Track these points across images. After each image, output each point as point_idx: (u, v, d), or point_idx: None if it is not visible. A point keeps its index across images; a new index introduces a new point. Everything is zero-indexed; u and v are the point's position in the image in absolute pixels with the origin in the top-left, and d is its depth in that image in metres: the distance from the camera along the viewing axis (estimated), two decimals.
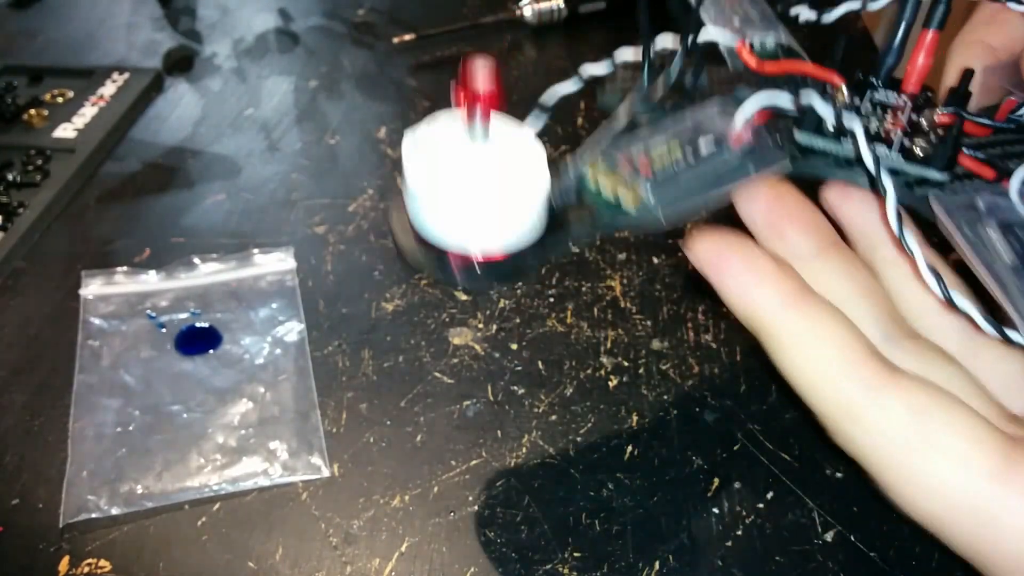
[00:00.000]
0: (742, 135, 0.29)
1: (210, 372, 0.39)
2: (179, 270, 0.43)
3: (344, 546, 0.33)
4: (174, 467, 0.35)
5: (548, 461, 0.35)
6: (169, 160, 0.52)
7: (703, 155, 0.29)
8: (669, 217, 0.27)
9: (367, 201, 0.48)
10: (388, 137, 0.53)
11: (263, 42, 0.63)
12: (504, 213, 0.26)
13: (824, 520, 0.33)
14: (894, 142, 0.31)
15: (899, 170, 0.31)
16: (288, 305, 0.42)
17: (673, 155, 0.29)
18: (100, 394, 0.38)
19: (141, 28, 0.65)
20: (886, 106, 0.33)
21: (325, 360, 0.39)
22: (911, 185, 0.30)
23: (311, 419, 0.37)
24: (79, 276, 0.43)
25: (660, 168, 0.28)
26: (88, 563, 0.32)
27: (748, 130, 0.30)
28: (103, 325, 0.41)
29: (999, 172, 0.29)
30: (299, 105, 0.56)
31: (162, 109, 0.56)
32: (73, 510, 0.33)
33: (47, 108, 0.55)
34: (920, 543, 0.32)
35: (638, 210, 0.27)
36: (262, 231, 0.47)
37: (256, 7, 0.67)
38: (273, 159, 0.52)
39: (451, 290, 0.43)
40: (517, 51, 0.61)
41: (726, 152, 0.29)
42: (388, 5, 0.66)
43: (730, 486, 0.34)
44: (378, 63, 0.60)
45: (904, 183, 0.30)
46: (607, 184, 0.28)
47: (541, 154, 0.27)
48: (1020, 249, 0.26)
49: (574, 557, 0.32)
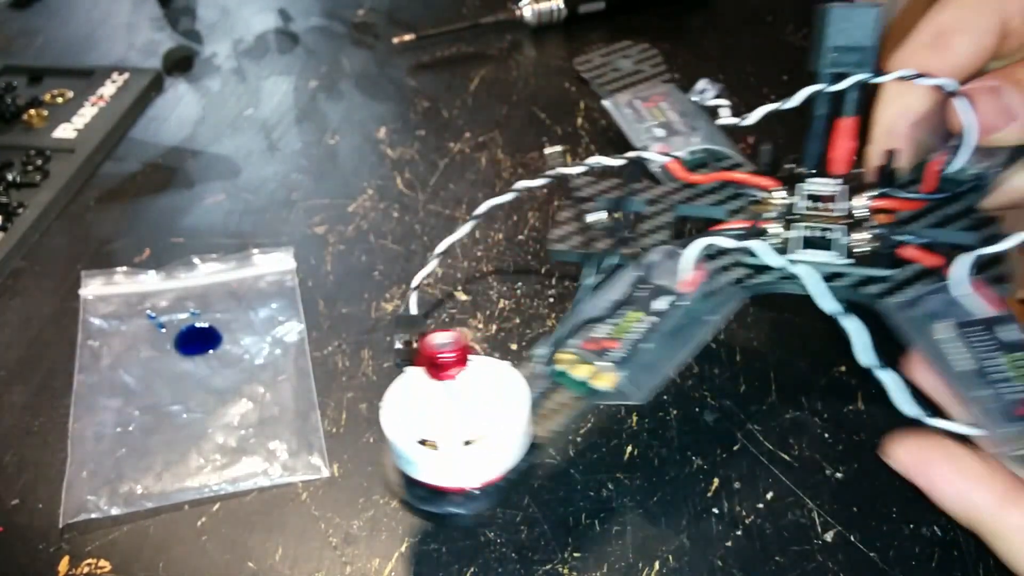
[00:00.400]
0: (691, 281, 0.31)
1: (210, 372, 0.39)
2: (179, 270, 0.43)
3: (344, 546, 0.33)
4: (174, 467, 0.35)
5: (548, 461, 0.35)
6: (169, 160, 0.52)
7: (663, 311, 0.31)
8: (647, 391, 0.29)
9: (367, 201, 0.48)
10: (388, 137, 0.53)
11: (263, 42, 0.63)
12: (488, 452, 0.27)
13: (824, 520, 0.33)
14: (835, 242, 0.32)
15: (845, 273, 0.32)
16: (288, 305, 0.42)
17: (633, 325, 0.30)
18: (100, 394, 0.38)
19: (141, 28, 0.65)
20: (820, 197, 0.34)
21: (325, 360, 0.39)
22: (858, 286, 0.31)
23: (311, 419, 0.37)
24: (79, 276, 0.43)
25: (625, 341, 0.30)
26: (88, 563, 0.32)
27: (696, 274, 0.31)
28: (103, 325, 0.41)
29: (944, 256, 0.30)
30: (299, 105, 0.56)
31: (162, 109, 0.56)
32: (73, 510, 0.34)
33: (47, 108, 0.55)
34: (920, 543, 0.32)
35: (616, 389, 0.29)
36: (262, 231, 0.47)
37: (256, 7, 0.67)
38: (273, 159, 0.52)
39: (451, 290, 0.43)
40: (516, 51, 0.61)
41: (683, 301, 0.31)
42: (388, 5, 0.66)
43: (730, 486, 0.34)
44: (378, 63, 0.60)
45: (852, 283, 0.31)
46: (582, 372, 0.29)
47: (520, 385, 0.29)
48: (977, 349, 0.26)
49: (574, 557, 0.32)
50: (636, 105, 0.43)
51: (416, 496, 0.29)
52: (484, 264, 0.44)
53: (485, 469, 0.28)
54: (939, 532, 0.32)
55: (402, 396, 0.29)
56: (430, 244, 0.45)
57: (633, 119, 0.43)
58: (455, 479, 0.28)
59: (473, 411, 0.28)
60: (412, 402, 0.28)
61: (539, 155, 0.51)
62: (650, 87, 0.45)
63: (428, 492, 0.28)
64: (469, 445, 0.27)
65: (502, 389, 0.29)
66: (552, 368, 0.30)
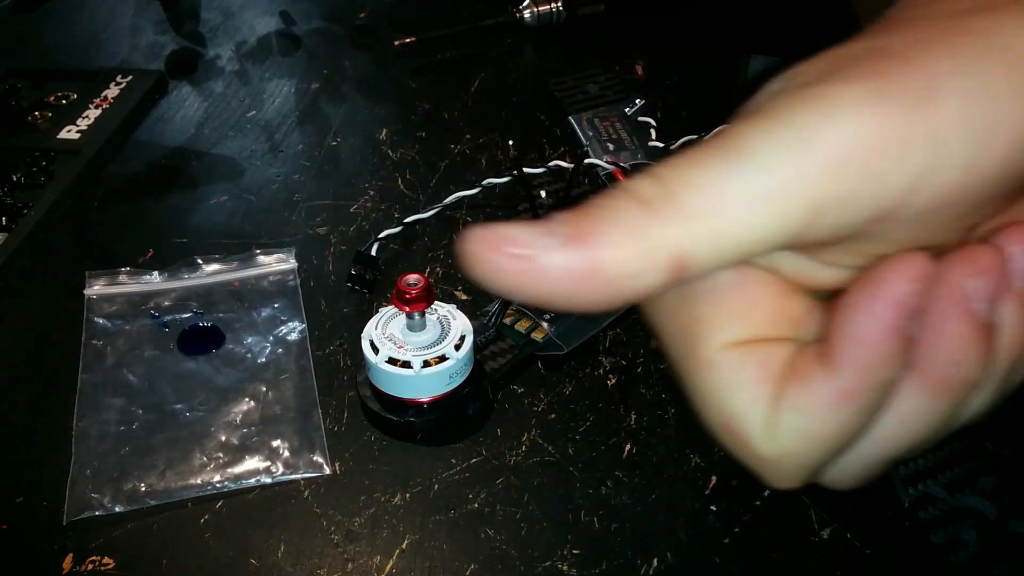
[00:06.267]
0: None
1: (213, 371, 0.39)
2: (182, 270, 0.43)
3: (345, 543, 0.33)
4: (177, 465, 0.35)
5: (547, 459, 0.35)
6: (172, 161, 0.53)
7: None
8: (570, 345, 0.39)
9: (368, 202, 0.48)
10: (389, 139, 0.53)
11: (265, 45, 0.63)
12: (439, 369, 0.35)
13: (821, 518, 0.33)
14: None
15: None
16: (290, 305, 0.42)
17: None
18: (104, 393, 0.38)
19: (144, 31, 0.65)
20: None
21: (326, 359, 0.40)
22: None
23: (313, 417, 0.37)
24: (83, 276, 0.43)
25: None
26: (92, 560, 0.32)
27: None
28: (107, 325, 0.41)
29: None
30: (301, 107, 0.57)
31: (165, 111, 0.57)
32: (77, 508, 0.34)
33: (51, 110, 0.55)
34: (916, 541, 0.32)
35: (544, 341, 0.39)
36: (264, 232, 0.47)
37: (258, 10, 0.67)
38: (275, 160, 0.52)
39: (450, 289, 0.43)
40: (517, 54, 0.61)
41: None
42: (388, 8, 0.67)
43: (728, 484, 0.34)
44: (379, 65, 0.61)
45: None
46: (522, 326, 0.40)
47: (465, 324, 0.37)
48: None
49: (573, 554, 0.32)
50: (596, 123, 0.53)
51: (383, 405, 0.36)
52: None
53: (437, 386, 0.35)
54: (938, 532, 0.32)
55: (378, 325, 0.36)
56: (431, 244, 0.46)
57: (592, 134, 0.52)
58: (414, 392, 0.36)
59: (431, 340, 0.36)
60: (384, 330, 0.36)
61: (538, 156, 0.51)
62: (609, 110, 0.54)
63: (392, 403, 0.36)
64: (427, 367, 0.35)
65: (454, 327, 0.36)
66: (499, 320, 0.40)
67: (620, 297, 0.16)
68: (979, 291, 0.18)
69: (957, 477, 0.33)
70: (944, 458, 0.34)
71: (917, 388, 0.18)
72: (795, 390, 0.18)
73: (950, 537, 0.32)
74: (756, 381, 0.19)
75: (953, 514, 0.32)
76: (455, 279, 0.43)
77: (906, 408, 0.19)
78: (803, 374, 0.18)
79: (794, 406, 0.18)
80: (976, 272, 0.18)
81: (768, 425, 0.19)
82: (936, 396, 0.19)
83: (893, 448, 0.19)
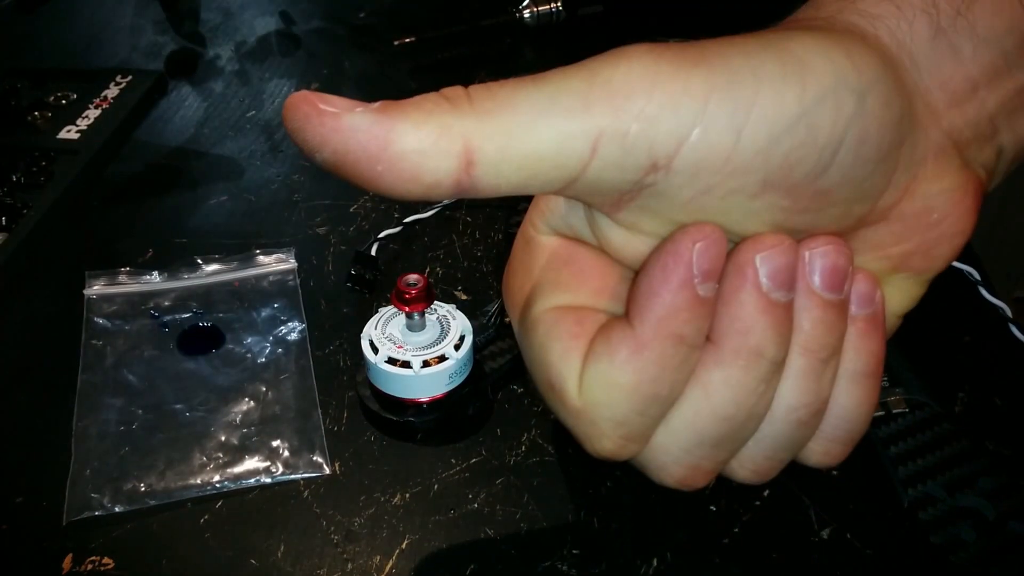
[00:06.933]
0: None
1: (212, 371, 0.39)
2: (182, 270, 0.43)
3: (345, 543, 0.33)
4: (177, 465, 0.35)
5: (547, 459, 0.35)
6: (172, 161, 0.53)
7: None
8: None
9: (368, 202, 0.48)
10: None
11: (265, 45, 0.63)
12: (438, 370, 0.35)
13: (821, 518, 0.33)
14: None
15: None
16: (290, 305, 0.42)
17: None
18: (104, 393, 0.38)
19: (144, 31, 0.65)
20: None
21: (326, 359, 0.40)
22: None
23: (312, 417, 0.37)
24: (83, 276, 0.43)
25: None
26: (92, 560, 0.32)
27: None
28: (107, 325, 0.41)
29: None
30: None
31: (165, 111, 0.57)
32: (77, 508, 0.34)
33: (51, 110, 0.55)
34: (916, 541, 0.32)
35: None
36: (264, 232, 0.47)
37: (258, 10, 0.67)
38: (275, 160, 0.52)
39: (450, 289, 0.43)
40: (516, 53, 0.61)
41: None
42: (388, 8, 0.67)
43: (728, 483, 0.34)
44: (379, 65, 0.61)
45: None
46: None
47: (465, 323, 0.37)
48: None
49: (573, 554, 0.32)
50: None
51: (383, 405, 0.36)
52: (484, 264, 0.44)
53: (437, 386, 0.35)
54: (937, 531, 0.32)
55: (377, 325, 0.37)
56: (430, 244, 0.46)
57: None
58: (413, 392, 0.35)
59: (430, 340, 0.36)
60: (384, 330, 0.36)
61: None
62: None
63: (391, 403, 0.36)
64: (427, 367, 0.35)
65: (454, 327, 0.36)
66: (499, 320, 0.39)
67: (416, 179, 0.18)
68: (766, 269, 0.20)
69: (957, 477, 0.33)
70: (944, 458, 0.34)
71: (714, 356, 0.21)
72: (600, 342, 0.21)
73: (950, 537, 0.32)
74: (571, 336, 0.22)
75: (953, 514, 0.32)
76: (455, 279, 0.44)
77: (707, 378, 0.21)
78: (608, 329, 0.21)
79: (598, 356, 0.21)
80: (759, 249, 0.20)
81: (580, 377, 0.21)
82: (731, 365, 0.21)
83: (710, 423, 0.22)
